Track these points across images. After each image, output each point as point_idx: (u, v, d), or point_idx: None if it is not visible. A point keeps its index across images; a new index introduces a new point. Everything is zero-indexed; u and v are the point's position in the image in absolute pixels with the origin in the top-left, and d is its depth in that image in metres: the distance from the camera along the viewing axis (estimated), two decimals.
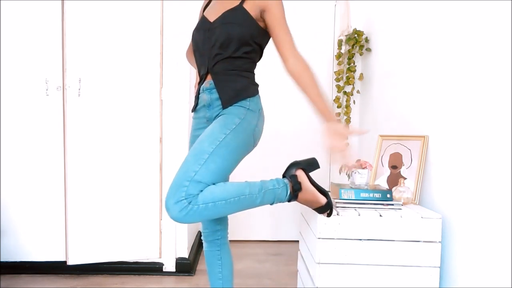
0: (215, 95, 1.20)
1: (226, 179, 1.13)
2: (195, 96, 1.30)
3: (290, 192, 1.15)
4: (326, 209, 1.20)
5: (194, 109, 1.32)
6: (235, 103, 1.17)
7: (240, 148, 1.14)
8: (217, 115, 1.20)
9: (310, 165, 1.21)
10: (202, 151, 1.08)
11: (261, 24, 1.22)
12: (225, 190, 1.06)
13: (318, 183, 1.21)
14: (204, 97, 1.24)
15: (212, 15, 1.22)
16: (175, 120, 2.07)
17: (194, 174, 1.04)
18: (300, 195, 1.17)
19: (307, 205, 1.21)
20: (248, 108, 1.18)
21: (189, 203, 1.01)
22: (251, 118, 1.18)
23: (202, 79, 1.25)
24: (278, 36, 1.21)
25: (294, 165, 1.20)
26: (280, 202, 1.15)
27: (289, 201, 1.16)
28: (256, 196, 1.10)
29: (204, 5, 1.36)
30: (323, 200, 1.19)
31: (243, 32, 1.16)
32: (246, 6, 1.18)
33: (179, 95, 2.07)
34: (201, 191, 1.03)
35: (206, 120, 1.25)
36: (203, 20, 1.25)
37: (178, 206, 1.01)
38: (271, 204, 1.14)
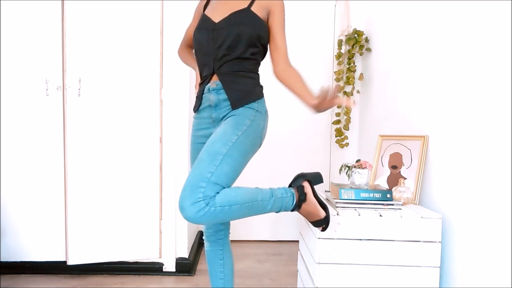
0: (223, 95, 1.20)
1: (235, 181, 1.15)
2: (198, 96, 1.29)
3: (295, 202, 1.18)
4: (322, 223, 1.22)
5: (196, 109, 1.31)
6: (245, 105, 1.19)
7: (249, 149, 1.16)
8: (225, 115, 1.20)
9: (315, 178, 1.25)
10: (216, 152, 1.09)
11: (268, 25, 1.25)
12: (239, 194, 1.07)
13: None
14: (210, 97, 1.23)
15: (216, 15, 1.22)
16: (175, 120, 2.07)
17: (211, 176, 1.04)
18: (304, 206, 1.19)
19: (306, 217, 1.24)
20: (256, 110, 1.20)
21: (207, 204, 1.02)
22: (259, 119, 1.20)
23: (206, 79, 1.25)
24: (276, 40, 1.26)
25: (301, 176, 1.22)
26: (285, 210, 1.18)
27: (292, 210, 1.19)
28: (267, 203, 1.12)
29: (203, 4, 1.35)
30: (322, 214, 1.21)
31: (252, 33, 1.18)
32: (254, 9, 1.20)
33: (179, 95, 2.07)
34: (217, 193, 1.04)
35: (211, 121, 1.25)
36: (205, 20, 1.24)
37: (196, 207, 1.01)
38: (277, 211, 1.17)
